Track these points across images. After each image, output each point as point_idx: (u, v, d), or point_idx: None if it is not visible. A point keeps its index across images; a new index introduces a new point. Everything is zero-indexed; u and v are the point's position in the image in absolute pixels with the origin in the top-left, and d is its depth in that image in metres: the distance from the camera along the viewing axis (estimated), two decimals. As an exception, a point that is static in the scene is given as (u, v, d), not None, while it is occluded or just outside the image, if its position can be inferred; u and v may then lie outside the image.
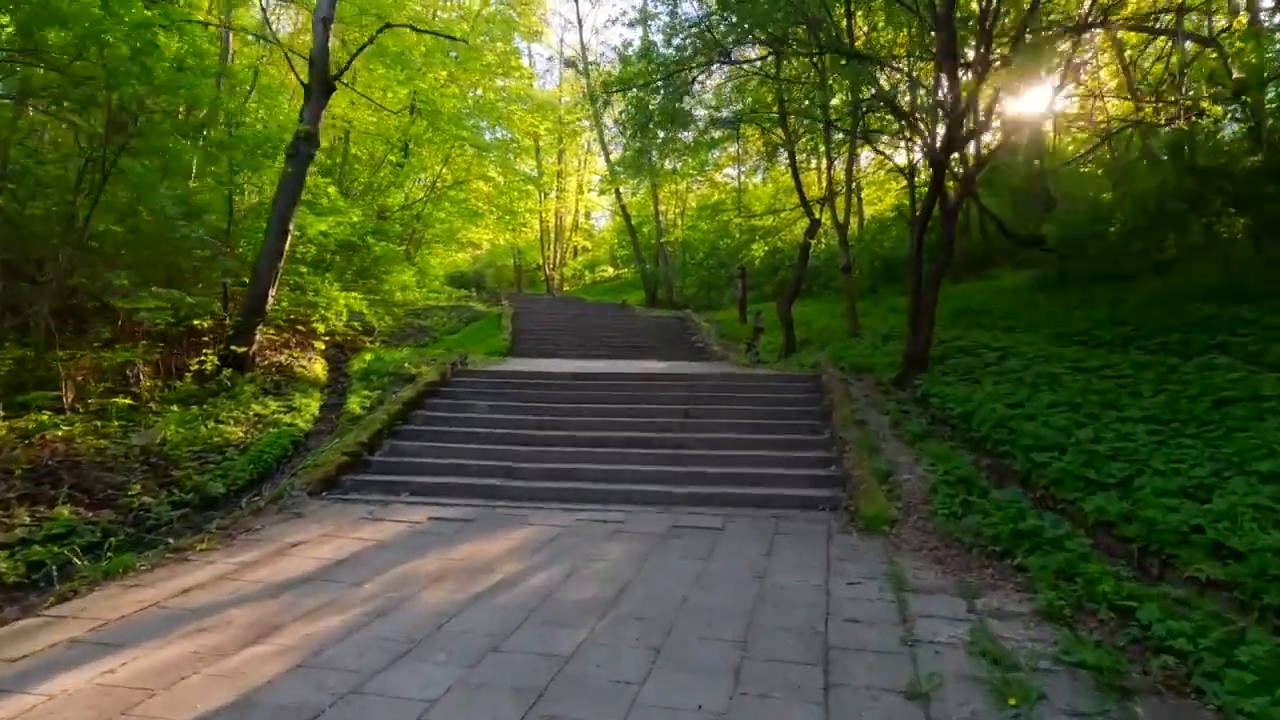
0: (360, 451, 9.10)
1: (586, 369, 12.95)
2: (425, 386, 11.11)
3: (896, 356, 12.21)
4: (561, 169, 49.10)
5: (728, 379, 11.89)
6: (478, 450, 9.34)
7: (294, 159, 11.06)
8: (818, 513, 7.60)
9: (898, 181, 30.26)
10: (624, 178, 34.17)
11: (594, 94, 30.93)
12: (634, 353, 19.61)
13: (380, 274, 17.30)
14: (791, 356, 16.45)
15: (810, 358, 14.62)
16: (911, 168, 15.67)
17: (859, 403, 10.13)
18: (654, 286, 33.41)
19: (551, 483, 8.49)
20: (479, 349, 18.85)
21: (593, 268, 54.24)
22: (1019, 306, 15.19)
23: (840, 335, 17.00)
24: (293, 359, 12.68)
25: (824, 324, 19.78)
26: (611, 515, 7.54)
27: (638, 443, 9.43)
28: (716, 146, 27.26)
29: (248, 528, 7.14)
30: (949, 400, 9.17)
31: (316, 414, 10.85)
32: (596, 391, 11.28)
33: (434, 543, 6.68)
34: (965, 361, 10.85)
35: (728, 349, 20.58)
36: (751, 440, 9.33)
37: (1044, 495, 6.91)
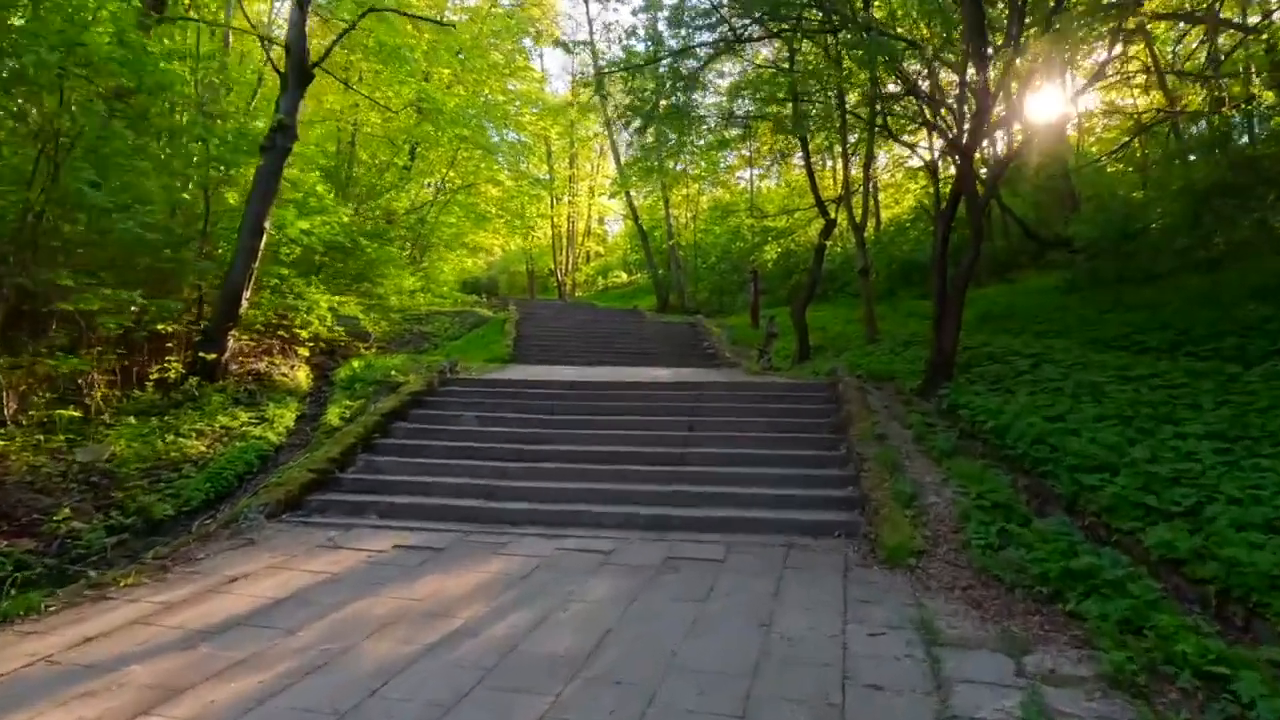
0: (330, 468, 8.30)
1: (586, 377, 12.12)
2: (409, 396, 10.31)
3: (919, 364, 11.31)
4: (573, 173, 48.47)
5: (737, 388, 11.02)
6: (459, 467, 8.51)
7: (269, 152, 10.30)
8: (833, 540, 6.71)
9: (916, 181, 29.40)
10: (634, 180, 33.40)
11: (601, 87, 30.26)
12: (642, 359, 18.80)
13: (375, 278, 16.54)
14: (805, 363, 15.55)
15: (825, 365, 13.73)
16: (934, 161, 14.71)
17: (879, 414, 9.24)
18: (665, 291, 32.57)
19: (537, 504, 7.64)
20: (480, 355, 18.11)
21: (605, 273, 53.52)
22: (1048, 310, 14.25)
23: (857, 341, 16.08)
24: (273, 366, 11.92)
25: (840, 329, 18.86)
26: (600, 543, 6.68)
27: (635, 459, 8.58)
28: (728, 147, 26.43)
29: (189, 557, 6.33)
30: (979, 412, 8.26)
31: (291, 426, 10.06)
32: (594, 402, 10.44)
33: (394, 577, 5.85)
34: (994, 369, 9.93)
35: (739, 355, 19.71)
36: (760, 456, 8.45)
37: (1094, 523, 6.01)
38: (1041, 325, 12.82)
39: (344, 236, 13.52)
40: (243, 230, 10.39)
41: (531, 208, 42.51)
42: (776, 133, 20.58)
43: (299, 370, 12.48)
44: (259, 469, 8.75)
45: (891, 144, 25.07)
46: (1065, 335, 11.60)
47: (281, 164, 10.49)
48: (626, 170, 33.52)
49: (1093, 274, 15.88)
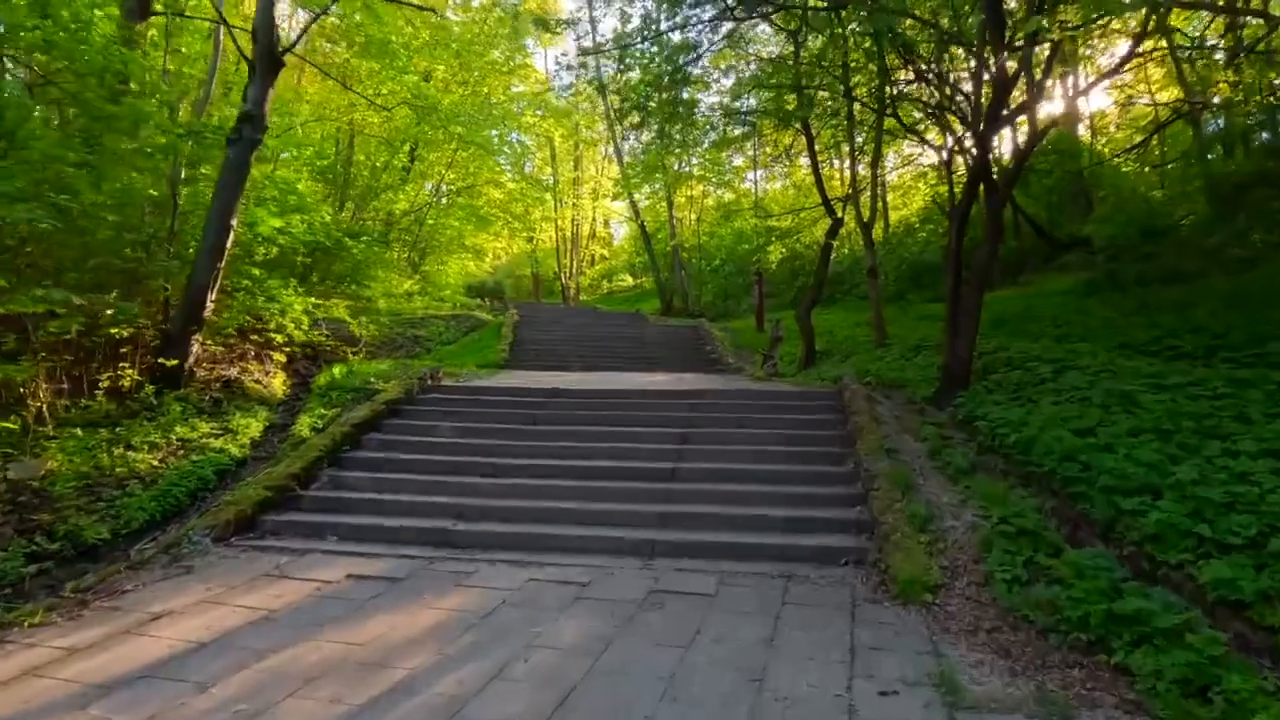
0: (290, 485, 7.61)
1: (576, 384, 11.41)
2: (384, 405, 9.62)
3: (931, 370, 10.58)
4: (578, 176, 47.86)
5: (737, 395, 10.29)
6: (431, 484, 7.81)
7: (235, 144, 9.63)
8: (839, 570, 5.99)
9: (926, 180, 28.67)
10: (636, 182, 32.74)
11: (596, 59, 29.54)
12: (642, 364, 18.14)
13: (362, 279, 15.87)
14: (811, 369, 14.84)
15: (832, 371, 13.01)
16: (947, 153, 13.94)
17: (889, 426, 8.50)
18: (669, 295, 31.89)
19: (512, 526, 6.94)
20: (473, 360, 17.49)
21: (610, 276, 52.93)
22: (1067, 313, 13.48)
23: (865, 346, 15.34)
24: (246, 372, 11.25)
25: (847, 333, 18.11)
26: (576, 572, 5.97)
27: (623, 474, 7.87)
28: (731, 144, 25.74)
29: (114, 590, 5.65)
30: (999, 425, 7.51)
31: (258, 437, 9.39)
32: (584, 411, 9.73)
33: (338, 615, 5.15)
34: (1014, 376, 9.17)
35: (743, 360, 19.03)
36: (759, 473, 7.73)
37: (1134, 554, 5.26)
38: (1061, 329, 12.05)
39: (324, 236, 12.85)
40: (207, 227, 9.72)
41: (536, 210, 41.99)
42: (781, 128, 19.89)
43: (275, 377, 11.82)
44: (216, 485, 8.07)
45: (900, 143, 24.44)
46: (1089, 339, 10.83)
47: (249, 156, 9.81)
48: (630, 171, 32.88)
49: (1113, 275, 15.15)
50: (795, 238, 23.09)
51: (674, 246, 31.26)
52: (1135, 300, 13.01)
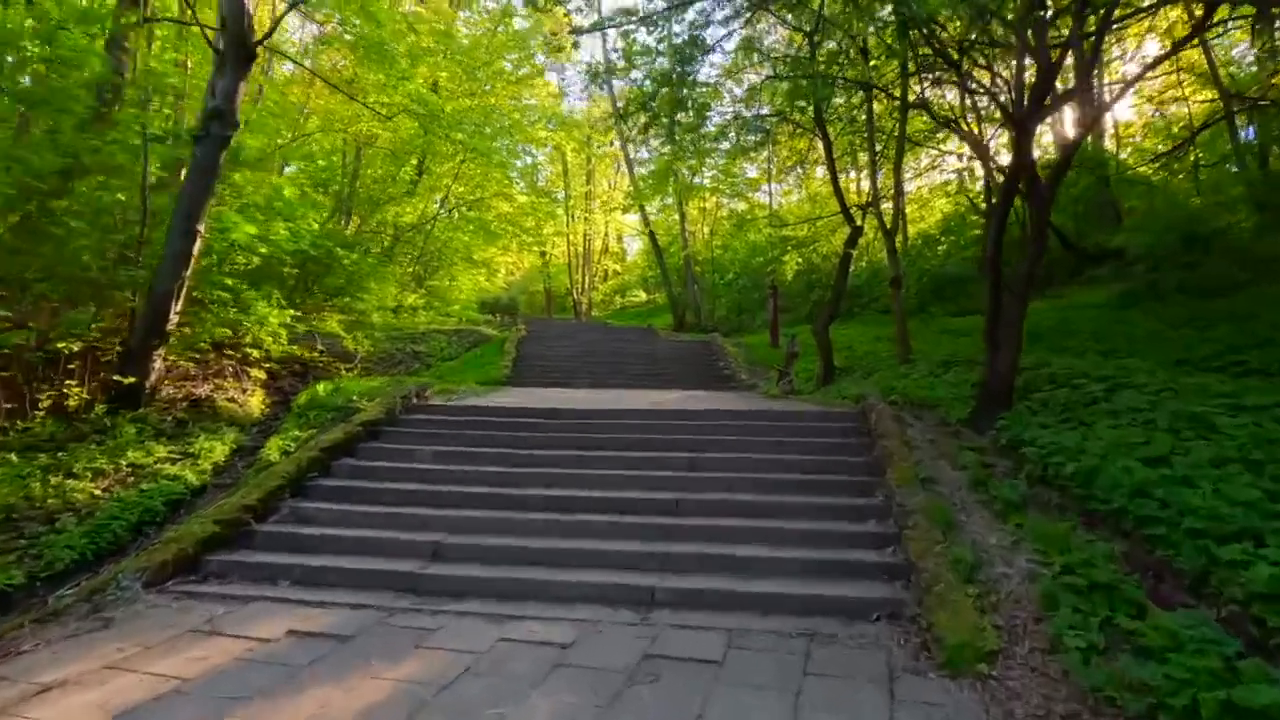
0: (242, 519, 6.73)
1: (579, 404, 10.52)
2: (361, 427, 8.75)
3: (964, 388, 9.58)
4: (590, 190, 47.20)
5: (751, 416, 9.34)
6: (404, 518, 6.91)
7: (203, 142, 8.85)
8: (871, 628, 5.03)
9: (946, 191, 27.74)
10: (648, 194, 31.96)
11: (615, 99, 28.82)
12: (651, 381, 17.25)
13: (355, 292, 15.07)
14: (830, 386, 13.86)
15: (854, 388, 12.03)
16: (981, 146, 12.95)
17: (922, 451, 7.53)
18: (682, 310, 30.99)
19: (490, 569, 6.01)
20: (474, 377, 16.66)
21: (623, 292, 52.13)
22: (1107, 326, 12.49)
23: (888, 361, 14.34)
24: (219, 390, 10.43)
25: (867, 348, 17.12)
26: (559, 629, 5.04)
27: (620, 507, 6.95)
28: (746, 154, 24.91)
29: (8, 651, 4.76)
30: (1052, 451, 6.53)
31: (222, 461, 8.54)
32: (582, 435, 8.81)
33: (264, 687, 4.24)
34: (1060, 395, 8.19)
35: (757, 376, 18.07)
36: (775, 506, 6.79)
37: (1238, 616, 4.29)
38: (1105, 343, 11.05)
39: (309, 245, 12.06)
40: (171, 233, 8.92)
41: (547, 225, 41.32)
42: (796, 136, 19.03)
43: (253, 395, 10.99)
44: (166, 518, 7.21)
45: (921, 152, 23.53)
46: (1138, 354, 9.84)
47: (218, 156, 9.02)
48: (640, 182, 32.10)
49: (1153, 285, 14.17)
50: (811, 248, 22.12)
51: (686, 257, 30.38)
52: (1183, 312, 12.01)
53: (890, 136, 16.75)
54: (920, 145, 21.00)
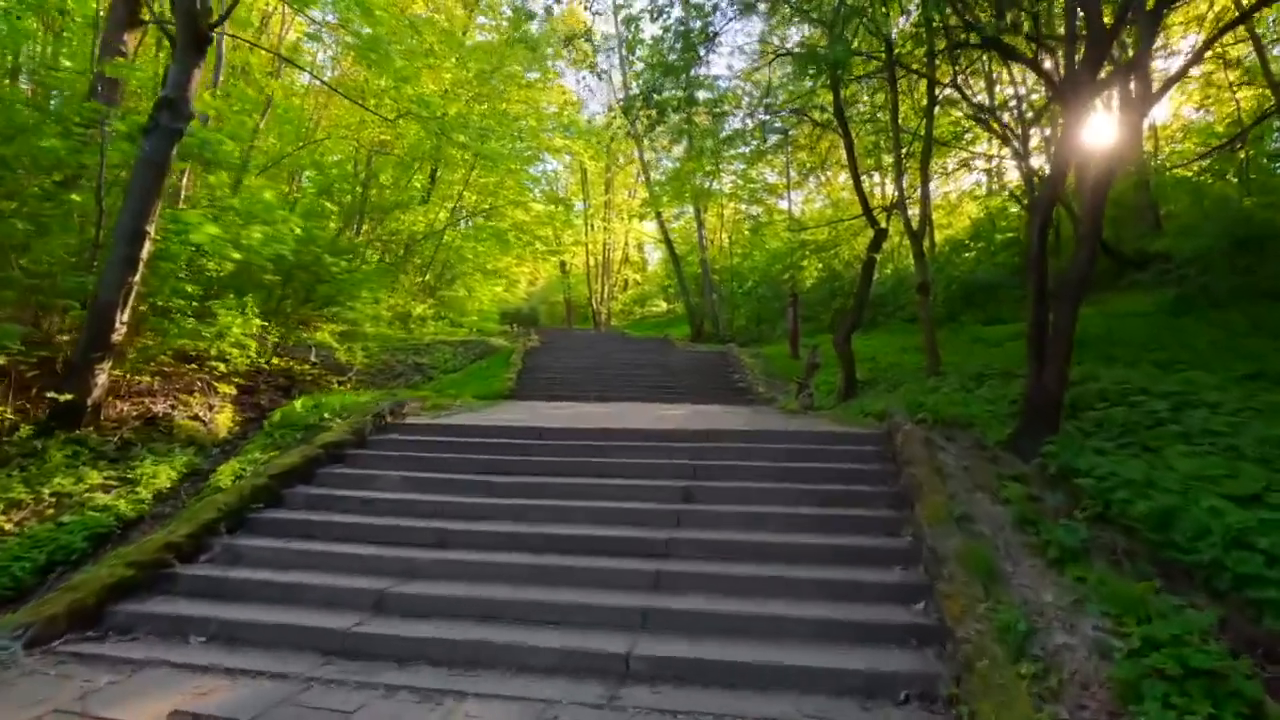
0: (164, 559, 5.81)
1: (575, 422, 9.56)
2: (321, 450, 7.82)
3: (1002, 405, 8.48)
4: (609, 199, 46.40)
5: (760, 438, 8.30)
6: (354, 559, 5.96)
7: (152, 135, 8.01)
8: (896, 712, 4.00)
9: (976, 193, 26.55)
10: (664, 201, 31.03)
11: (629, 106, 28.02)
12: (661, 395, 16.28)
13: (345, 301, 14.23)
14: (852, 401, 12.79)
15: (878, 403, 10.96)
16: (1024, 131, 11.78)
17: (956, 481, 6.47)
18: (700, 319, 29.97)
19: (441, 626, 5.03)
20: (475, 390, 15.80)
21: (643, 302, 51.25)
22: (1159, 334, 11.33)
23: (915, 374, 13.24)
24: (181, 408, 9.58)
25: (892, 359, 16.03)
26: (506, 712, 4.05)
27: (603, 548, 5.95)
28: (763, 156, 23.93)
29: None
30: (1114, 485, 5.44)
31: (167, 488, 7.65)
32: (570, 459, 7.82)
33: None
34: (1117, 415, 7.09)
35: (775, 389, 17.03)
36: (782, 548, 5.76)
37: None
38: (1159, 353, 9.91)
39: (289, 251, 11.22)
40: (117, 235, 8.08)
41: (566, 233, 40.60)
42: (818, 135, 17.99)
43: (220, 411, 10.13)
44: (85, 556, 6.31)
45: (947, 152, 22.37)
46: (1200, 366, 8.70)
47: (169, 150, 8.18)
48: (657, 189, 31.18)
49: (1206, 290, 12.99)
50: (832, 252, 20.95)
51: (703, 260, 29.29)
52: (1243, 319, 10.85)
53: (916, 135, 15.71)
54: (948, 145, 19.84)
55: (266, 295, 13.20)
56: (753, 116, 16.03)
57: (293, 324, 14.07)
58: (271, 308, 13.42)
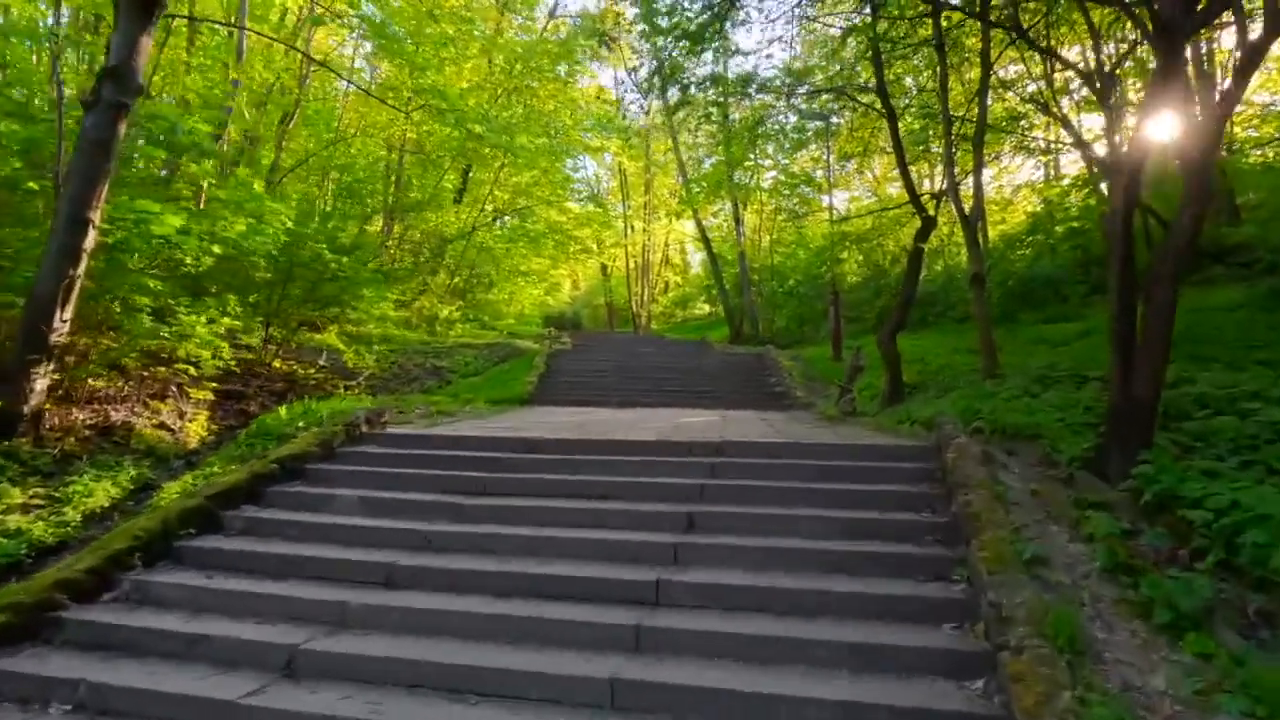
0: (53, 600, 4.82)
1: (580, 431, 8.45)
2: (278, 464, 6.83)
3: (1074, 413, 7.11)
4: (649, 200, 45.33)
5: (786, 450, 7.07)
6: (275, 603, 4.91)
7: (93, 111, 7.12)
8: None
9: (1032, 186, 24.83)
10: (700, 198, 29.83)
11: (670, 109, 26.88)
12: (689, 399, 15.16)
13: (350, 301, 13.34)
14: (898, 407, 11.47)
15: (926, 410, 9.65)
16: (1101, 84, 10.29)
17: (1022, 509, 5.20)
18: (739, 321, 28.68)
19: (352, 698, 3.95)
20: (490, 395, 14.85)
21: (685, 304, 49.97)
22: (1256, 331, 9.83)
23: (969, 377, 11.84)
24: (147, 415, 8.71)
25: (943, 361, 14.57)
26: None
27: (576, 591, 4.82)
28: (803, 145, 22.59)
29: None
30: (1240, 520, 4.13)
31: (103, 507, 6.73)
32: (560, 476, 6.69)
33: None
34: (1224, 426, 5.73)
35: (814, 393, 15.75)
36: (803, 597, 4.55)
37: None
38: (1262, 352, 8.45)
39: (274, 246, 10.33)
40: (56, 224, 7.18)
41: (606, 234, 39.69)
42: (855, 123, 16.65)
43: (194, 420, 9.25)
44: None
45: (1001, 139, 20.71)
46: (1317, 366, 7.26)
47: (115, 127, 7.28)
48: (694, 186, 29.96)
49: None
50: (875, 242, 19.39)
51: (741, 258, 27.97)
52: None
53: (965, 119, 14.30)
54: (1003, 130, 18.23)
55: (268, 294, 12.40)
56: (791, 95, 14.61)
57: (293, 324, 13.23)
58: (272, 308, 12.61)
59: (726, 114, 14.51)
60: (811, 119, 18.02)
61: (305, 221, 11.94)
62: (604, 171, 48.15)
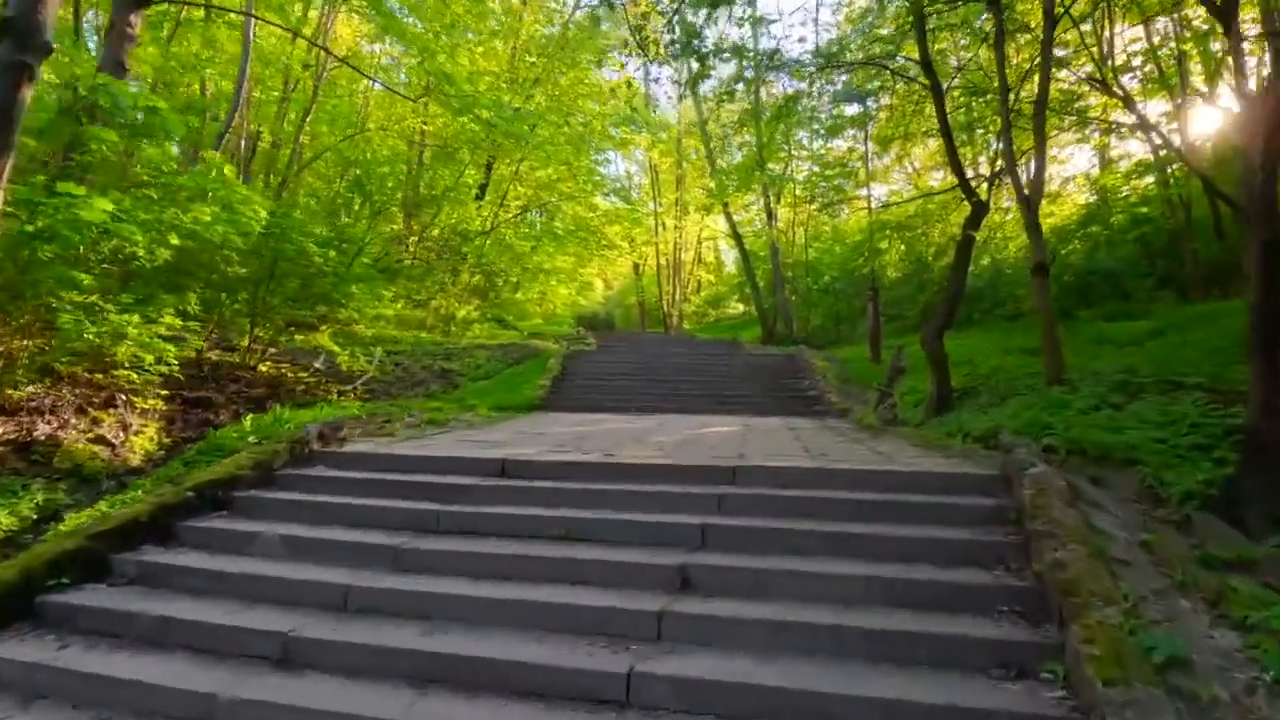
0: None
1: (578, 443, 7.24)
2: (194, 493, 5.66)
3: (1176, 432, 5.69)
4: (680, 196, 43.99)
5: (815, 478, 5.70)
6: (132, 691, 3.71)
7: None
8: None
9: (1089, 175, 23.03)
10: (731, 191, 28.42)
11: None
12: (713, 406, 13.96)
13: (338, 299, 12.23)
14: (947, 415, 10.06)
15: (981, 421, 8.24)
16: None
17: (1132, 571, 3.83)
18: (771, 320, 27.22)
19: None
20: (498, 400, 13.77)
21: (717, 303, 48.54)
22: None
23: (1029, 381, 10.34)
24: (80, 428, 7.63)
25: (994, 362, 12.98)
26: None
27: (518, 685, 3.55)
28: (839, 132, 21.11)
29: None
30: None
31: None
32: (529, 511, 5.41)
33: None
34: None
35: (851, 398, 14.39)
36: (822, 703, 3.24)
37: None
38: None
39: (239, 237, 9.21)
40: (-53, 205, 6.11)
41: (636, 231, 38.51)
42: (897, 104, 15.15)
43: (142, 433, 8.16)
44: None
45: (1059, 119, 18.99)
46: None
47: (15, 93, 6.14)
48: (723, 178, 28.53)
49: None
50: (920, 231, 17.77)
51: (773, 252, 26.50)
52: None
53: (1020, 99, 12.79)
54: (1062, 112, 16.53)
55: (253, 291, 11.35)
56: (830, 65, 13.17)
57: (279, 324, 12.18)
58: (256, 306, 11.57)
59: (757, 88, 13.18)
60: (847, 100, 16.60)
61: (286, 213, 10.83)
62: (635, 168, 47.10)
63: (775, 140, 24.78)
